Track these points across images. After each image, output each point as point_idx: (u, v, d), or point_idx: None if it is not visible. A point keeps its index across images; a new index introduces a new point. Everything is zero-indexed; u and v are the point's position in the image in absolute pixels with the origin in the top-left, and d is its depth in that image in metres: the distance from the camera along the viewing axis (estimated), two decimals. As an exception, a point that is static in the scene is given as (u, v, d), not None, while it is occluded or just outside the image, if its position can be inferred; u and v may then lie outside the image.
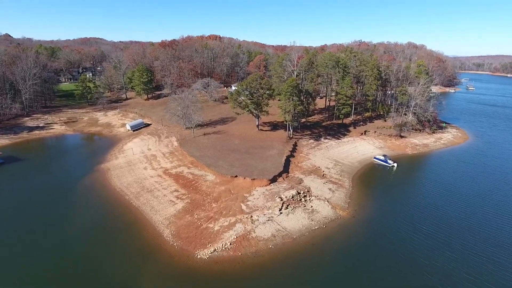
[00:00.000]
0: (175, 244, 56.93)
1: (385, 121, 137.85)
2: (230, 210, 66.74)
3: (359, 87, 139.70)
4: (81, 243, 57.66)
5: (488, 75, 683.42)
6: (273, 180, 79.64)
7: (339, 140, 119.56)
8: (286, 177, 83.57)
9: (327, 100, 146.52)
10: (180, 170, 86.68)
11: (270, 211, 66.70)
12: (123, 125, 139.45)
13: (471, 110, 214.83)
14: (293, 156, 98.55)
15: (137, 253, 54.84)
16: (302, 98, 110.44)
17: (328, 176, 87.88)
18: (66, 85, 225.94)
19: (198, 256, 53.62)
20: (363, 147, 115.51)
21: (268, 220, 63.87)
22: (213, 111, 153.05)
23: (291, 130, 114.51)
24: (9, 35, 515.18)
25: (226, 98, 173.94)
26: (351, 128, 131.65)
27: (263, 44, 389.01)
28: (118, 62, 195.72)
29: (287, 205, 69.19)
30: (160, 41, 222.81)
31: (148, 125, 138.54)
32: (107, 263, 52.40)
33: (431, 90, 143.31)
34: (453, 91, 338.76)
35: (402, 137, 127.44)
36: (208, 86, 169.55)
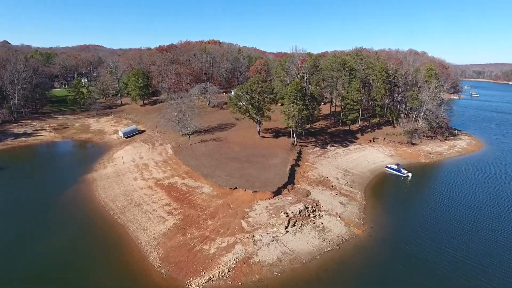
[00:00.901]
0: (162, 270, 47.93)
1: (394, 127, 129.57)
2: (229, 228, 57.87)
3: (365, 92, 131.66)
4: (52, 268, 48.70)
5: (489, 83, 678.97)
6: (277, 192, 70.93)
7: (347, 148, 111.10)
8: (292, 189, 74.85)
9: (332, 105, 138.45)
10: (173, 181, 77.99)
11: (274, 229, 57.83)
12: (116, 131, 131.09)
13: (480, 116, 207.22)
14: (298, 165, 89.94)
15: (117, 283, 45.85)
16: (306, 102, 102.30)
17: (337, 188, 79.15)
18: (59, 90, 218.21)
19: (190, 287, 44.61)
20: (372, 155, 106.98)
21: (273, 240, 54.98)
22: (212, 117, 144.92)
23: (295, 137, 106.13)
24: (7, 42, 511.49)
25: (226, 103, 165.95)
26: (358, 135, 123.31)
27: (263, 51, 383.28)
28: (114, 67, 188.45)
29: (294, 222, 60.34)
30: (157, 46, 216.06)
31: (142, 131, 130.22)
32: (79, 295, 43.44)
33: (442, 95, 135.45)
34: (457, 97, 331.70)
35: (413, 144, 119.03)
36: (206, 91, 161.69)
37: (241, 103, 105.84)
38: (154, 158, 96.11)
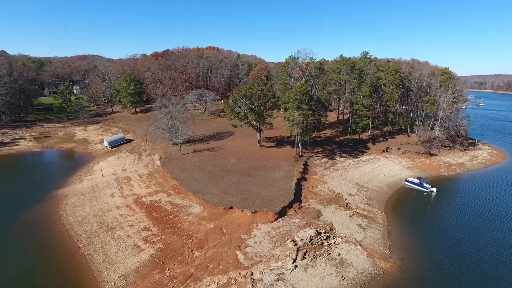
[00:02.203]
0: (127, 327, 34.90)
1: (409, 136, 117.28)
2: (221, 262, 44.92)
3: (376, 98, 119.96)
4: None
5: (492, 93, 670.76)
6: (282, 213, 58.09)
7: (358, 159, 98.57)
8: (299, 208, 62.01)
9: (339, 113, 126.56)
10: (157, 198, 65.20)
11: (279, 263, 44.87)
12: (102, 141, 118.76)
13: (492, 126, 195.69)
14: (305, 179, 77.28)
15: None
16: (313, 107, 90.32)
17: (353, 206, 66.29)
18: (47, 98, 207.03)
19: None
20: (388, 167, 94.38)
21: (278, 279, 41.98)
22: (208, 125, 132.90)
23: (300, 147, 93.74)
24: (5, 51, 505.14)
25: (223, 111, 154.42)
26: (369, 145, 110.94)
27: (263, 59, 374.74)
28: (106, 73, 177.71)
29: (304, 253, 47.37)
30: (152, 52, 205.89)
31: (130, 141, 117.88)
32: None
33: (461, 99, 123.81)
34: (464, 107, 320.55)
35: (431, 155, 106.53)
36: (202, 97, 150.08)
37: (239, 109, 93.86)
38: (138, 170, 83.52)
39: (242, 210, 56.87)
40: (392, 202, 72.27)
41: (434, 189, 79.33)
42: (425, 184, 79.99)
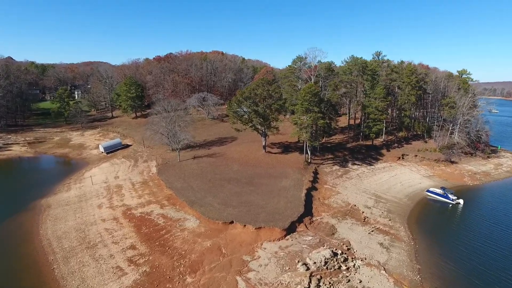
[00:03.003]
0: None
1: (426, 142, 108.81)
2: (217, 290, 37.03)
3: (390, 101, 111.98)
4: None
5: (502, 100, 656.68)
6: (291, 229, 50.13)
7: (372, 167, 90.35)
8: (310, 223, 53.97)
9: (350, 116, 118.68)
10: (149, 210, 57.67)
11: (289, 293, 36.82)
12: (98, 146, 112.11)
13: (509, 132, 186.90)
14: (316, 189, 69.28)
15: None
16: (323, 109, 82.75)
17: (372, 221, 58.04)
18: (48, 103, 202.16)
19: None
20: (406, 176, 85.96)
21: (287, 315, 33.92)
22: (210, 130, 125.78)
23: (309, 153, 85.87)
24: (11, 58, 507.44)
25: (227, 115, 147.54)
26: (384, 151, 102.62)
27: (268, 64, 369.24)
28: (107, 76, 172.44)
29: (319, 280, 39.27)
30: (155, 56, 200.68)
31: (127, 146, 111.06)
32: None
33: (480, 103, 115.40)
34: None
35: (452, 162, 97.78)
36: (205, 101, 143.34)
37: (242, 111, 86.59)
38: (132, 178, 76.25)
39: (245, 226, 49.06)
40: (415, 215, 63.81)
41: (461, 201, 70.74)
42: (450, 195, 71.43)
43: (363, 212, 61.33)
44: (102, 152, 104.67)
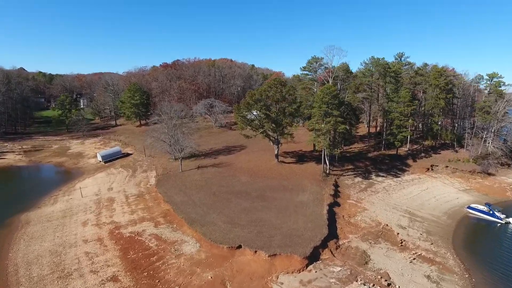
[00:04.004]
0: None
1: (456, 151, 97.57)
2: None
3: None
4: None
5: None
6: (313, 256, 39.99)
7: (399, 179, 79.74)
8: (337, 247, 43.70)
9: (369, 124, 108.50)
10: (141, 229, 48.27)
11: None
12: (96, 155, 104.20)
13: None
14: (338, 205, 59.08)
15: None
16: (344, 114, 73.17)
17: (410, 245, 47.45)
18: (50, 111, 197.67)
19: None
20: (439, 190, 74.96)
21: None
22: (217, 138, 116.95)
23: (328, 163, 75.86)
24: (23, 69, 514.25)
25: (236, 124, 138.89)
26: (409, 161, 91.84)
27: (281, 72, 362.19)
28: (112, 84, 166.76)
29: (356, 332, 28.92)
30: (161, 63, 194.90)
31: (128, 155, 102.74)
32: None
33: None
34: None
35: (489, 174, 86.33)
36: (212, 108, 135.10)
37: (252, 116, 77.57)
38: (127, 190, 67.28)
39: (255, 252, 39.20)
40: (460, 238, 52.88)
41: (511, 220, 59.56)
42: (497, 213, 60.31)
43: (398, 233, 50.77)
44: (100, 161, 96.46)
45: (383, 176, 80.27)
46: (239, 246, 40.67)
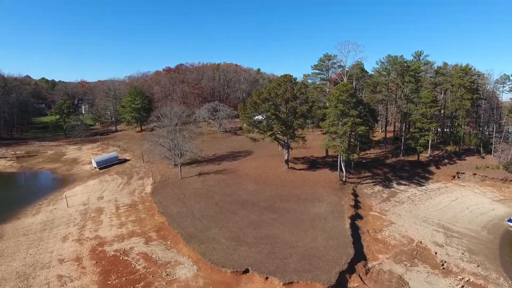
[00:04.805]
0: None
1: (483, 157, 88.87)
2: None
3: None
4: None
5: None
6: (339, 285, 31.76)
7: (424, 187, 71.34)
8: (366, 272, 35.42)
9: (386, 128, 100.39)
10: (128, 247, 40.50)
11: None
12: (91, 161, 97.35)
13: None
14: (360, 217, 50.90)
15: None
16: (362, 113, 65.40)
17: (454, 267, 38.98)
18: (49, 117, 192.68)
19: None
20: (471, 200, 66.31)
21: None
22: (221, 143, 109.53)
23: (344, 170, 67.78)
24: (29, 76, 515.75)
25: (241, 129, 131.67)
26: (432, 168, 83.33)
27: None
28: (113, 88, 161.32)
29: None
30: (164, 67, 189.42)
31: (125, 161, 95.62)
32: None
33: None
34: None
35: (523, 183, 77.43)
36: (216, 112, 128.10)
37: (259, 116, 70.10)
38: (119, 199, 59.75)
39: (267, 278, 31.19)
40: (510, 257, 44.26)
41: (562, 235, 50.86)
42: (546, 228, 51.69)
43: (436, 253, 42.35)
44: (95, 167, 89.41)
45: (405, 185, 71.91)
46: (246, 271, 32.72)
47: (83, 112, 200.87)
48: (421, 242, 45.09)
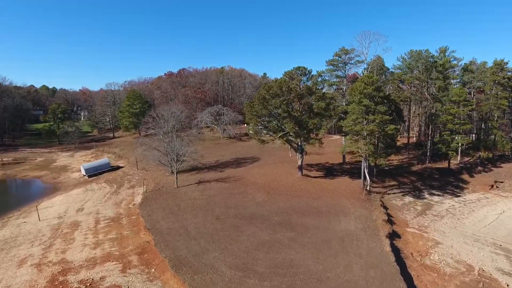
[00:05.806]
0: None
1: (522, 165, 78.22)
2: None
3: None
4: None
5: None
6: None
7: (461, 198, 60.74)
8: (427, 319, 24.99)
9: (409, 131, 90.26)
10: (99, 276, 30.46)
11: None
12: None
13: None
14: (397, 235, 40.50)
15: None
16: (390, 110, 55.61)
17: (542, 310, 28.41)
18: (45, 124, 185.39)
19: None
20: (521, 214, 55.59)
21: None
22: (224, 149, 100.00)
23: (368, 178, 57.52)
24: (33, 86, 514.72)
25: (246, 135, 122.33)
26: (465, 177, 72.77)
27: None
28: (112, 94, 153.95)
29: None
30: (166, 72, 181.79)
31: (118, 168, 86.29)
32: None
33: None
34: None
35: None
36: (220, 116, 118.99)
37: (270, 113, 60.41)
38: (101, 211, 49.95)
39: (289, 333, 20.87)
40: None
41: None
42: None
43: (508, 285, 31.81)
44: (84, 175, 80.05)
45: (438, 195, 61.39)
46: (257, 318, 22.54)
47: (82, 119, 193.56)
48: (483, 270, 34.58)
